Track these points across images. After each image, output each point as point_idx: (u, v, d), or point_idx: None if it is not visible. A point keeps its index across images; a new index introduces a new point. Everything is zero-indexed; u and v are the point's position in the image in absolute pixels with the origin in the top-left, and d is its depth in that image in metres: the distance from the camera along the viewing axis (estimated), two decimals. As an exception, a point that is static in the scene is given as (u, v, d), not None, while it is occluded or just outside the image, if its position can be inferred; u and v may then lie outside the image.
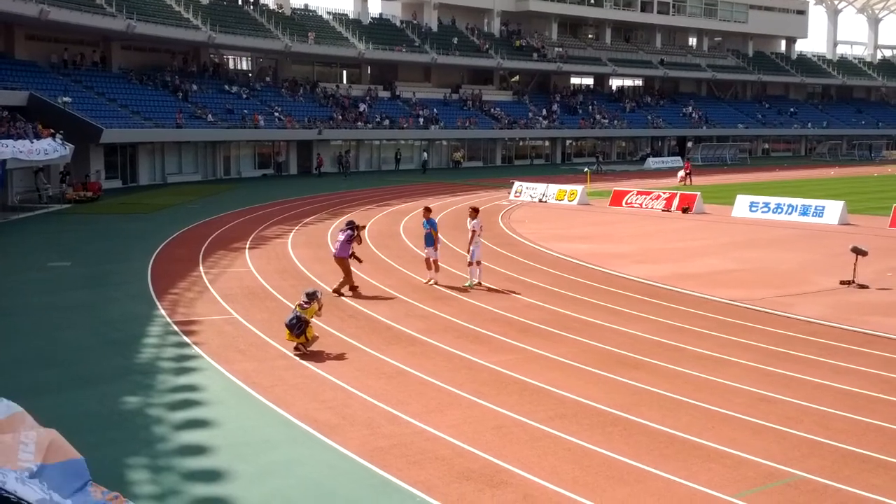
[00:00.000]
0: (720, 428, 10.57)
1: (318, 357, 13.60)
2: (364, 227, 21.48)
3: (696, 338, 15.19)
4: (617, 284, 20.45)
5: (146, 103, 51.83)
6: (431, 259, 20.39)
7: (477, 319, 16.50)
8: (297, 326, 13.79)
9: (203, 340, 14.57)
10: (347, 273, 18.89)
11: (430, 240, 20.22)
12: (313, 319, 14.20)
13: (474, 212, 20.35)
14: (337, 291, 18.69)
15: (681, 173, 53.42)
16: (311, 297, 14.19)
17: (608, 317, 16.85)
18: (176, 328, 15.47)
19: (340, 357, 13.73)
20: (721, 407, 11.32)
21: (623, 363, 13.47)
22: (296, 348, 13.88)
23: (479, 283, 20.11)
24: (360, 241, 19.56)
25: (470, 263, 20.16)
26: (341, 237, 19.15)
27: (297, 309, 13.99)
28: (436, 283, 20.14)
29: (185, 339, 14.71)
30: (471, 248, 20.04)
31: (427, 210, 20.80)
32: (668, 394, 11.88)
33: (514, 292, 19.35)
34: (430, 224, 20.28)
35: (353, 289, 18.90)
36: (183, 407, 11.19)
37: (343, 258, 18.83)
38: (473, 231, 20.02)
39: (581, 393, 11.89)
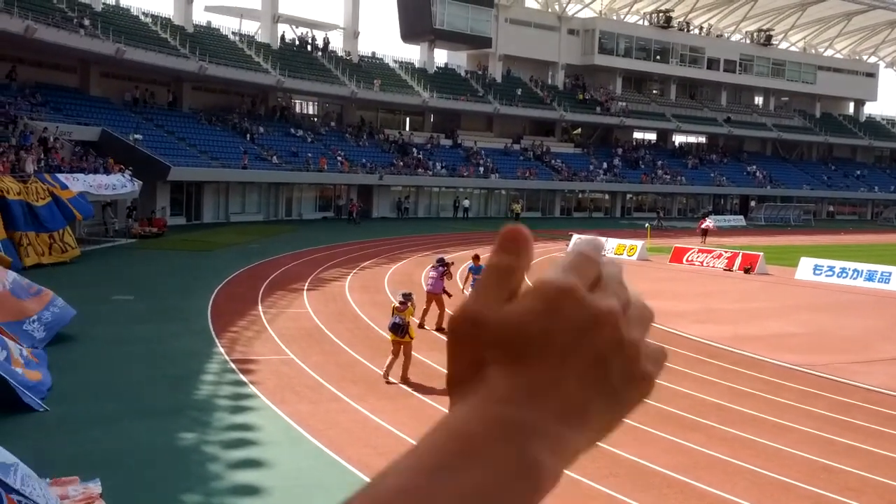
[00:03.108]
0: (779, 496, 10.33)
1: (372, 402, 13.62)
2: (452, 264, 22.00)
3: (755, 401, 14.90)
4: (676, 343, 20.18)
5: (214, 143, 52.93)
6: None
7: (532, 372, 16.38)
8: (401, 328, 14.99)
9: (259, 380, 14.69)
10: (442, 307, 20.11)
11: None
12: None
13: (476, 258, 22.05)
14: (440, 328, 19.86)
15: (706, 224, 52.54)
16: (407, 297, 15.52)
17: (666, 376, 16.46)
18: (233, 366, 15.63)
19: (394, 403, 13.73)
20: (780, 474, 11.07)
21: (680, 424, 13.26)
22: (387, 378, 14.96)
23: None
24: (450, 277, 20.71)
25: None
26: (433, 274, 20.31)
27: (396, 312, 15.20)
28: None
29: (242, 377, 14.85)
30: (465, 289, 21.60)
31: (476, 257, 22.06)
32: (725, 458, 11.66)
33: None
34: (478, 271, 21.09)
35: (440, 328, 19.96)
36: (237, 446, 11.27)
37: (437, 294, 19.87)
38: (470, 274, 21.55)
39: (636, 452, 11.71)
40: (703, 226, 52.84)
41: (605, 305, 0.74)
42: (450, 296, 20.30)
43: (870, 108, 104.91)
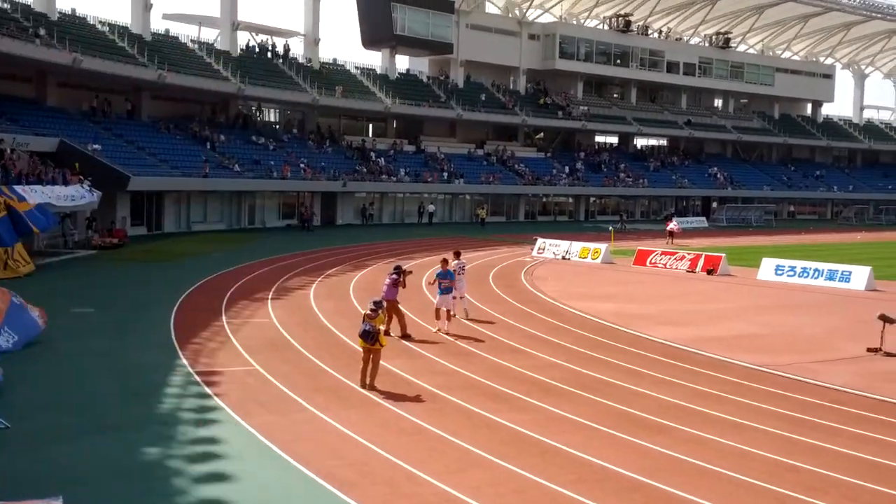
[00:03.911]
0: (744, 497, 10.40)
1: (338, 411, 13.54)
2: (411, 273, 21.90)
3: (719, 403, 15.01)
4: (640, 346, 20.31)
5: (174, 152, 52.46)
6: (444, 308, 21.08)
7: (498, 377, 16.41)
8: (371, 336, 15.08)
9: (224, 392, 14.55)
10: (399, 315, 20.11)
11: (445, 288, 21.12)
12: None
13: (445, 263, 21.96)
14: (405, 335, 19.93)
15: (671, 226, 53.49)
16: (378, 305, 15.70)
17: (631, 378, 16.70)
18: (197, 379, 15.48)
19: (361, 412, 13.66)
20: (744, 475, 11.15)
21: (645, 427, 13.32)
22: (363, 384, 15.12)
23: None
24: (403, 286, 20.44)
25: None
26: (387, 281, 20.17)
27: (367, 320, 15.23)
28: (447, 333, 20.71)
29: (207, 390, 14.70)
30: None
31: (444, 261, 21.98)
32: (690, 460, 11.73)
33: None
34: (444, 276, 21.29)
35: (405, 335, 20.04)
36: (203, 460, 11.14)
37: (389, 300, 19.56)
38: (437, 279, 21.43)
39: (603, 457, 11.75)
40: (668, 227, 53.48)
41: None
42: (397, 303, 20.13)
43: (827, 109, 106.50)
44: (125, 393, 14.63)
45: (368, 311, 15.48)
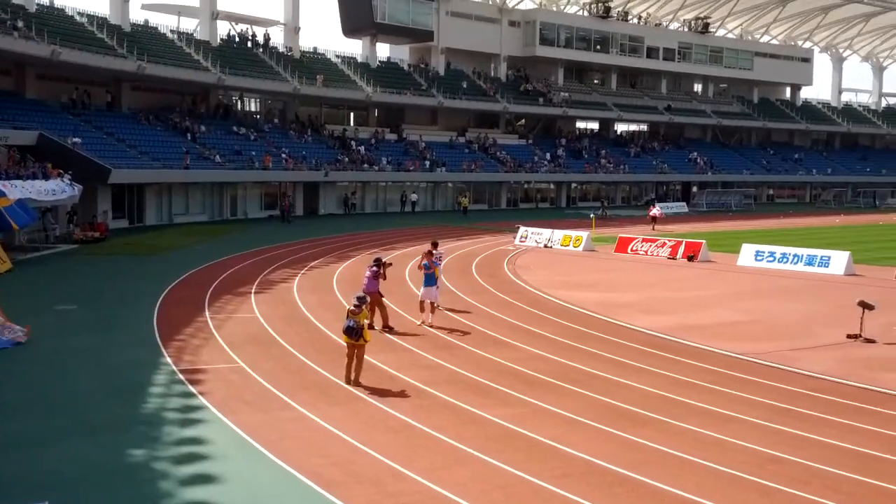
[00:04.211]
0: (728, 490, 10.51)
1: (323, 408, 13.57)
2: (390, 265, 21.90)
3: (701, 393, 15.13)
4: (623, 335, 20.42)
5: (155, 144, 52.18)
6: (428, 301, 21.09)
7: (482, 370, 16.47)
8: (355, 331, 15.09)
9: (208, 390, 14.54)
10: (381, 307, 20.24)
11: (429, 280, 21.04)
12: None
13: (434, 245, 22.49)
14: (386, 327, 20.03)
15: (654, 211, 54.06)
16: (361, 300, 15.68)
17: (614, 369, 16.80)
18: (181, 377, 15.46)
19: (346, 409, 13.69)
20: (728, 467, 11.25)
21: (630, 419, 13.42)
22: (348, 380, 15.17)
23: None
24: (384, 278, 20.57)
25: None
26: (368, 273, 20.26)
27: (350, 316, 15.23)
28: (430, 326, 20.76)
29: (191, 388, 14.68)
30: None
31: (429, 253, 21.81)
32: (675, 452, 11.82)
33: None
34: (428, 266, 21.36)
35: (387, 327, 20.12)
36: (188, 461, 11.15)
37: (372, 293, 19.63)
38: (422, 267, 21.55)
39: (588, 450, 11.84)
40: (651, 213, 53.84)
41: None
42: (381, 296, 20.37)
43: (805, 93, 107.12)
44: (109, 392, 14.59)
45: (352, 307, 15.50)
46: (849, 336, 20.12)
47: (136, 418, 13.03)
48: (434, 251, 22.44)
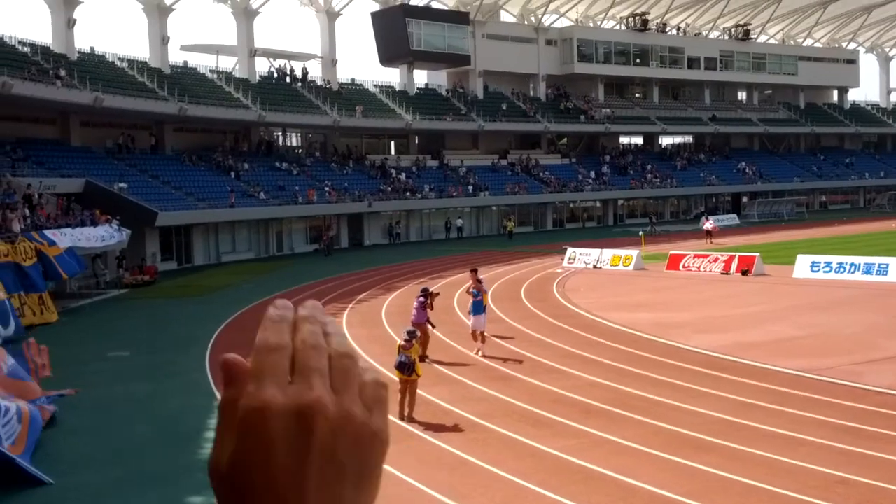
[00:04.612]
0: (799, 519, 10.14)
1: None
2: (438, 294, 21.80)
3: (764, 414, 14.71)
4: (679, 357, 20.01)
5: (199, 184, 52.77)
6: (479, 330, 20.98)
7: (537, 401, 16.20)
8: (407, 367, 15.03)
9: (263, 433, 14.43)
10: (426, 337, 19.94)
11: (478, 308, 20.90)
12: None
13: (474, 272, 22.19)
14: (422, 356, 19.49)
15: (708, 225, 53.26)
16: (412, 335, 15.76)
17: (673, 394, 16.42)
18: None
19: (401, 446, 13.51)
20: (797, 492, 10.88)
21: (693, 445, 13.07)
22: (401, 417, 14.91)
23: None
24: (431, 308, 20.47)
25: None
26: (416, 304, 20.21)
27: (402, 351, 15.25)
28: (484, 355, 20.54)
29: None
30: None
31: (478, 280, 21.64)
32: (741, 479, 11.47)
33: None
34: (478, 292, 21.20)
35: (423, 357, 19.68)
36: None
37: (421, 324, 19.49)
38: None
39: (651, 481, 11.52)
40: (705, 227, 53.02)
41: (305, 400, 0.71)
42: (433, 326, 20.37)
43: (853, 95, 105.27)
44: (166, 440, 14.58)
45: (402, 343, 15.42)
46: (914, 347, 19.54)
47: (194, 466, 12.96)
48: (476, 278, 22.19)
